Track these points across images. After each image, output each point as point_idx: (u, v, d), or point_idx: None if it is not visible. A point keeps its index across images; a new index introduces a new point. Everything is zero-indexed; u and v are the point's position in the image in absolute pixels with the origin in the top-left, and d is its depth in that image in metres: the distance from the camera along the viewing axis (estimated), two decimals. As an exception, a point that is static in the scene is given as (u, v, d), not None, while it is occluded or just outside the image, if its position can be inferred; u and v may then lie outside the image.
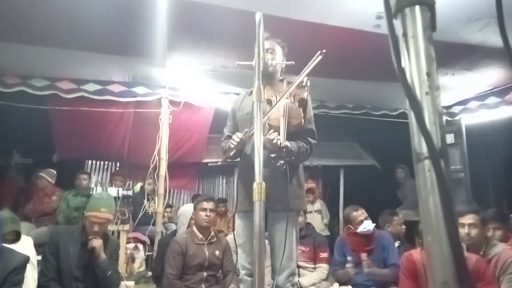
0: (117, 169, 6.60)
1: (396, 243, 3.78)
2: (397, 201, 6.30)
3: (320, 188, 7.66)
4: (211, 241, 3.32)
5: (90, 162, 6.68)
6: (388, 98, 5.32)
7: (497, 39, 3.31)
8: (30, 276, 2.62)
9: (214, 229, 3.42)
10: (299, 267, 3.68)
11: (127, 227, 4.39)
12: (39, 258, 2.99)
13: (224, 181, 7.61)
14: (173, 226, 5.41)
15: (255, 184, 1.36)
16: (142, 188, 5.59)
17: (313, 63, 2.16)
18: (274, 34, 2.39)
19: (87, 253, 2.87)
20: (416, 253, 2.73)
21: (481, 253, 2.75)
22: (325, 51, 2.10)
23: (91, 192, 4.71)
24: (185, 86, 4.99)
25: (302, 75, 2.21)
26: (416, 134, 0.55)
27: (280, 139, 2.04)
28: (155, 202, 4.94)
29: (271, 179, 2.11)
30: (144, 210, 5.03)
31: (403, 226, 4.10)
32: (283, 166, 2.05)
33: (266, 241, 2.44)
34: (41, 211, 4.72)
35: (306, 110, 2.31)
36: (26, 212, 4.75)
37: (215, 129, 6.06)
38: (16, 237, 2.82)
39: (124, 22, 3.39)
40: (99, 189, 4.82)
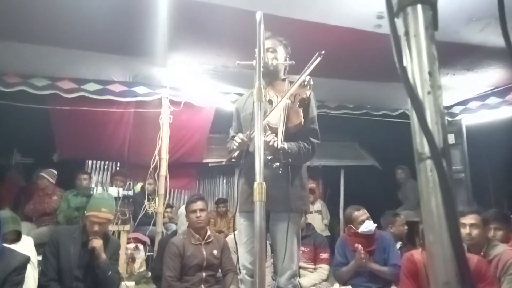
0: (118, 169, 6.60)
1: (398, 244, 3.77)
2: (398, 201, 6.29)
3: (320, 188, 7.65)
4: (208, 240, 3.30)
5: (90, 162, 6.67)
6: (389, 98, 5.32)
7: (498, 39, 3.32)
8: (31, 276, 2.62)
9: (214, 229, 3.42)
10: (299, 267, 3.68)
11: (127, 227, 4.38)
12: (40, 258, 2.99)
13: (224, 181, 7.60)
14: (173, 226, 5.40)
15: (255, 184, 1.36)
16: (143, 188, 5.58)
17: (312, 65, 2.16)
18: (275, 33, 2.38)
19: (88, 253, 2.87)
20: (417, 254, 2.73)
21: (482, 254, 2.75)
22: (325, 51, 2.10)
23: (91, 192, 4.70)
24: (185, 86, 4.99)
25: (301, 77, 2.20)
26: (418, 134, 0.55)
27: (277, 141, 2.02)
28: (155, 202, 4.94)
29: (273, 179, 2.10)
30: (145, 210, 5.03)
31: (405, 227, 4.09)
32: (280, 168, 2.04)
33: (268, 242, 2.44)
34: (41, 211, 4.72)
35: (308, 109, 2.29)
36: (27, 212, 4.75)
37: (215, 129, 6.06)
38: (17, 237, 2.82)
39: (125, 22, 3.39)
40: (100, 189, 4.81)
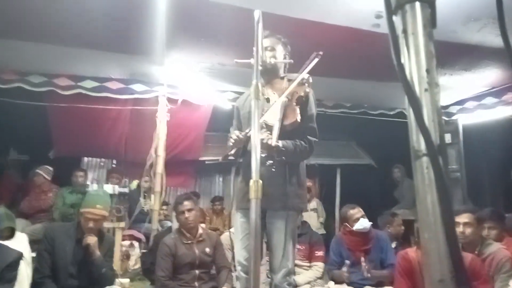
0: (114, 166, 6.58)
1: (393, 244, 3.79)
2: (394, 200, 6.31)
3: (316, 187, 7.66)
4: (200, 239, 3.30)
5: (86, 159, 6.65)
6: (386, 98, 5.33)
7: (496, 40, 3.32)
8: (24, 272, 2.60)
9: (209, 227, 3.42)
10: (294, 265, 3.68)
11: (122, 224, 4.36)
12: (34, 255, 2.98)
13: (221, 179, 7.59)
14: (169, 224, 5.40)
15: (251, 182, 1.36)
16: (139, 185, 5.57)
17: (309, 65, 2.15)
18: (274, 32, 2.38)
19: (82, 250, 2.87)
20: (411, 252, 2.74)
21: (476, 252, 2.77)
22: (323, 50, 2.10)
23: (87, 189, 4.69)
24: (183, 83, 4.97)
25: (298, 78, 2.19)
26: (414, 131, 0.55)
27: (271, 139, 2.02)
28: (151, 200, 4.93)
29: (270, 177, 2.09)
30: (140, 207, 5.01)
31: (402, 227, 4.11)
32: (273, 166, 2.04)
33: (264, 239, 2.44)
34: (37, 208, 4.70)
35: (306, 107, 2.28)
36: (22, 209, 4.73)
37: (213, 127, 6.05)
38: (11, 234, 2.80)
39: (122, 19, 3.37)
40: (95, 186, 4.80)
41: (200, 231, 3.35)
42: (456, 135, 5.76)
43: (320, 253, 3.87)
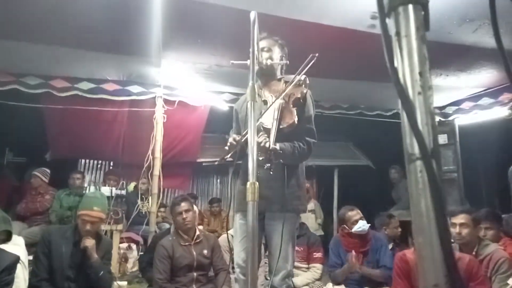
0: (111, 168, 6.56)
1: (390, 245, 3.79)
2: (391, 201, 6.32)
3: (314, 188, 7.67)
4: (197, 241, 3.29)
5: (83, 161, 6.63)
6: (383, 98, 5.34)
7: (491, 40, 3.34)
8: (21, 276, 2.59)
9: (207, 229, 3.40)
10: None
11: (120, 226, 4.36)
12: (31, 258, 2.96)
13: (218, 180, 7.59)
14: (167, 226, 5.39)
15: (248, 184, 1.36)
16: (136, 187, 5.56)
17: (306, 67, 2.15)
18: (271, 33, 2.37)
19: (80, 253, 2.85)
20: (409, 253, 2.74)
21: (474, 253, 2.77)
22: (319, 51, 2.09)
23: (84, 191, 4.68)
24: (180, 85, 4.97)
25: (295, 78, 2.19)
26: (408, 135, 0.55)
27: (268, 142, 2.01)
28: (148, 202, 4.92)
29: (268, 180, 2.10)
30: (138, 209, 5.00)
31: (399, 229, 4.11)
32: (271, 169, 2.03)
33: (263, 241, 2.43)
34: (33, 210, 4.68)
35: (303, 109, 2.27)
36: (19, 211, 4.70)
37: (210, 128, 6.05)
38: (7, 237, 2.78)
39: (119, 20, 3.37)
40: (93, 188, 4.79)
41: (198, 232, 3.33)
42: (453, 135, 5.78)
43: (318, 255, 3.87)
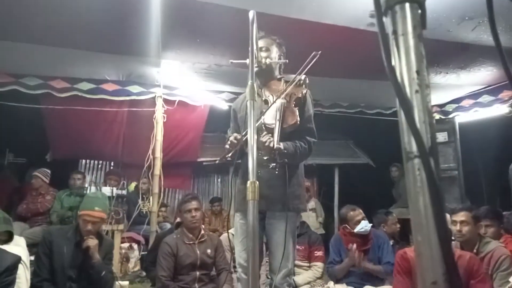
0: (112, 168, 6.56)
1: (390, 242, 3.79)
2: (392, 199, 6.33)
3: (315, 186, 7.67)
4: (202, 240, 3.29)
5: (84, 161, 6.62)
6: (382, 97, 5.33)
7: (490, 38, 3.32)
8: (23, 276, 2.59)
9: (208, 228, 3.41)
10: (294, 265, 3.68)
11: (121, 226, 4.37)
12: (32, 258, 2.97)
13: (219, 180, 7.58)
14: (168, 226, 5.39)
15: (248, 183, 1.35)
16: (137, 187, 5.56)
17: (307, 65, 2.15)
18: (269, 32, 2.38)
19: (81, 253, 2.86)
20: (410, 251, 2.74)
21: (475, 251, 2.77)
22: (319, 50, 2.09)
23: (85, 191, 4.68)
24: (179, 84, 4.97)
25: (296, 78, 2.19)
26: (406, 133, 0.55)
27: (272, 141, 2.02)
28: (149, 202, 4.92)
29: (270, 179, 2.11)
30: (139, 209, 5.01)
31: (398, 225, 4.12)
32: (276, 168, 2.04)
33: (263, 240, 2.43)
34: (34, 211, 4.69)
35: (304, 108, 2.28)
36: (20, 212, 4.71)
37: (210, 128, 6.05)
38: (9, 238, 2.78)
39: (118, 20, 3.37)
40: (93, 188, 4.79)
41: (202, 232, 3.34)
42: (453, 133, 5.78)
43: (319, 253, 3.87)
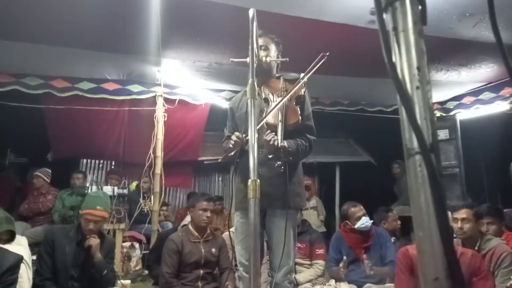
0: (113, 167, 6.56)
1: (392, 239, 3.79)
2: (393, 196, 6.32)
3: (316, 184, 7.67)
4: (207, 239, 3.31)
5: (85, 161, 6.62)
6: (383, 94, 5.33)
7: (491, 35, 3.31)
8: (25, 275, 2.60)
9: (210, 227, 3.40)
10: (295, 263, 3.68)
11: (123, 225, 4.37)
12: (34, 257, 2.98)
13: (220, 178, 7.59)
14: (169, 225, 5.40)
15: (249, 181, 1.35)
16: (138, 186, 5.56)
17: (315, 66, 2.14)
18: (268, 30, 2.37)
19: (83, 252, 2.87)
20: (412, 249, 2.74)
21: (476, 248, 2.77)
22: (319, 47, 2.09)
23: (86, 191, 4.68)
24: (180, 83, 4.97)
25: (303, 79, 2.18)
26: (407, 129, 0.55)
27: (277, 140, 2.02)
28: (151, 201, 4.93)
29: (271, 178, 2.12)
30: (140, 208, 5.01)
31: (398, 222, 4.12)
32: (281, 166, 2.04)
33: (264, 239, 2.44)
34: (36, 211, 4.69)
35: (303, 107, 2.30)
36: (21, 212, 4.72)
37: (210, 126, 6.04)
38: (11, 237, 2.80)
39: (118, 19, 3.37)
40: (95, 188, 4.79)
41: (208, 231, 3.35)
42: (454, 130, 5.77)
43: (320, 251, 3.87)
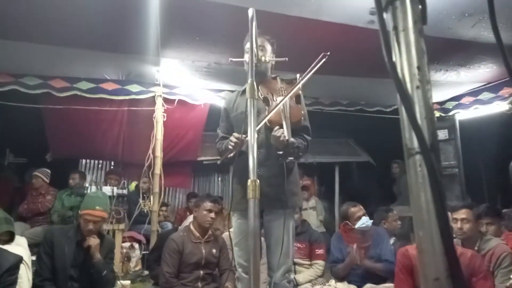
0: (112, 168, 6.56)
1: (392, 239, 3.79)
2: (392, 196, 6.32)
3: (315, 185, 7.66)
4: (208, 239, 3.30)
5: (84, 161, 6.61)
6: (382, 95, 5.33)
7: (490, 35, 3.33)
8: (24, 276, 2.60)
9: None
10: (295, 264, 3.68)
11: (122, 226, 4.37)
12: (34, 258, 2.97)
13: (219, 179, 7.58)
14: (168, 225, 5.40)
15: (249, 182, 1.35)
16: (137, 186, 5.55)
17: (316, 66, 2.14)
18: (267, 30, 2.36)
19: (82, 252, 2.87)
20: (412, 249, 2.74)
21: (476, 248, 2.77)
22: (318, 47, 2.08)
23: (85, 191, 4.68)
24: (179, 83, 4.96)
25: (306, 77, 2.18)
26: (407, 129, 0.55)
27: (286, 136, 2.02)
28: (150, 201, 4.92)
29: (269, 177, 2.12)
30: (139, 209, 5.01)
31: (398, 222, 4.12)
32: (293, 162, 2.04)
33: (262, 239, 2.44)
34: (35, 211, 4.69)
35: (301, 106, 2.30)
36: (20, 212, 4.72)
37: (210, 126, 6.02)
38: (10, 238, 2.79)
39: (117, 19, 3.36)
40: (94, 188, 4.79)
41: (210, 232, 3.35)
42: (453, 130, 5.77)
43: (320, 251, 3.88)
